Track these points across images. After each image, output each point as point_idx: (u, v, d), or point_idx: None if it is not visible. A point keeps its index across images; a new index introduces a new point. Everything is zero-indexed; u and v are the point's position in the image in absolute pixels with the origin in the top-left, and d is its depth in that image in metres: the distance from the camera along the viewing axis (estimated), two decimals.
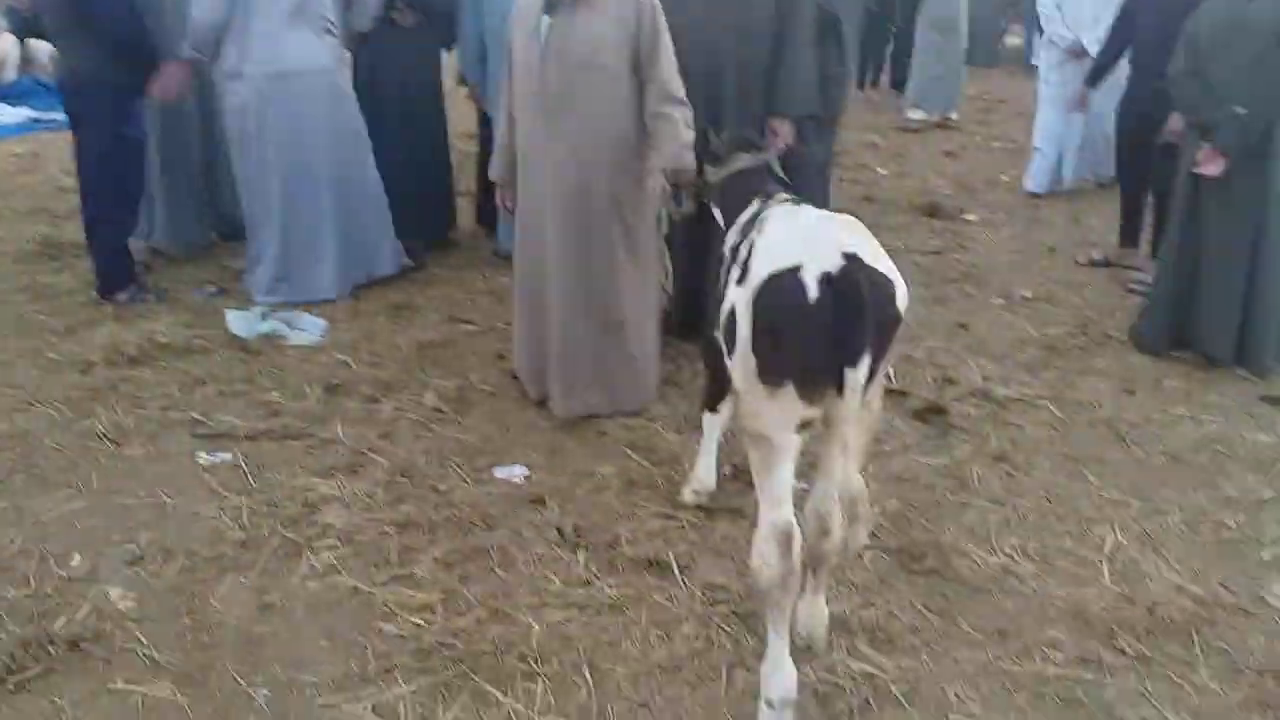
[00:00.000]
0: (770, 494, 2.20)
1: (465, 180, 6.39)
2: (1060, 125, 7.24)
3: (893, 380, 4.16)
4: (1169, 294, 4.46)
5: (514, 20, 3.60)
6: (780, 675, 2.26)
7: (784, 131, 3.96)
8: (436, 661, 2.47)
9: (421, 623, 2.60)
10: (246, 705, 2.34)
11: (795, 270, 2.08)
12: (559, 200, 3.52)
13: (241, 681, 2.41)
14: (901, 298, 2.20)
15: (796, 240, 2.21)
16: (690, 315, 4.04)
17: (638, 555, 2.90)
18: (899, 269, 2.23)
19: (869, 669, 2.48)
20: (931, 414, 3.86)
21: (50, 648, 2.47)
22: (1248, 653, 2.61)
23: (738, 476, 3.28)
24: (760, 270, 2.17)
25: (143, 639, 2.54)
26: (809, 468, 2.55)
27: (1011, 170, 8.24)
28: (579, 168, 3.48)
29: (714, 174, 3.07)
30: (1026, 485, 3.41)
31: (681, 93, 3.44)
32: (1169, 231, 4.57)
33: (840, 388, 2.04)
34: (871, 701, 2.39)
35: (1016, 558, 2.99)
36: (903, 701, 2.40)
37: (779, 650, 2.26)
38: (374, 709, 2.31)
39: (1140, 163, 5.40)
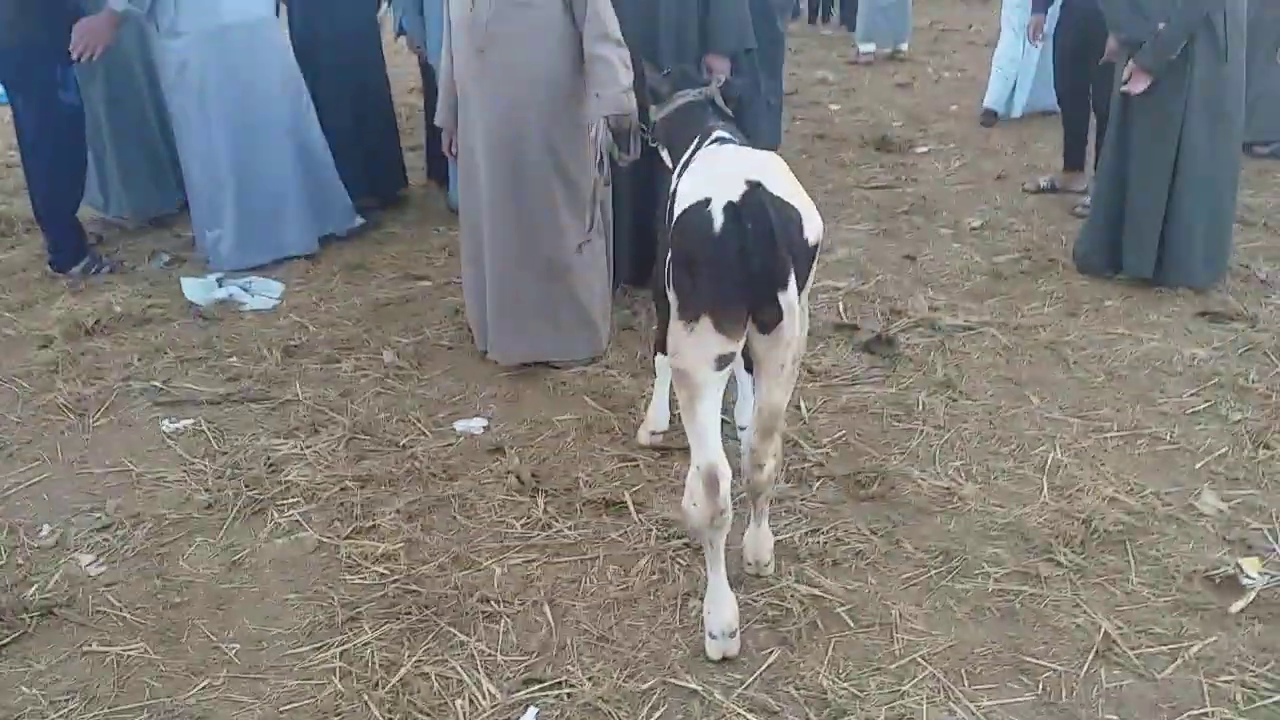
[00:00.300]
0: (697, 434, 2.27)
1: (414, 136, 6.38)
2: (1017, 50, 7.37)
3: (842, 314, 4.26)
4: (1104, 214, 4.56)
5: None
6: (720, 609, 2.37)
7: (720, 68, 3.99)
8: (401, 608, 2.56)
9: (385, 572, 2.69)
10: (219, 660, 2.42)
11: (703, 204, 2.16)
12: (490, 143, 3.52)
13: (213, 637, 2.49)
14: (811, 228, 2.27)
15: (709, 176, 2.28)
16: (643, 261, 4.10)
17: (595, 497, 3.00)
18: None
19: (816, 592, 2.60)
20: (879, 345, 3.96)
21: (24, 615, 2.54)
22: (1178, 559, 2.74)
23: None
24: (676, 210, 2.25)
25: (115, 601, 2.61)
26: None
27: (962, 100, 8.31)
28: (510, 109, 3.48)
29: (657, 113, 3.11)
30: (970, 410, 3.52)
31: (618, 32, 3.40)
32: (1103, 151, 4.66)
33: (759, 322, 2.13)
34: (819, 622, 2.51)
35: (959, 479, 3.11)
36: (848, 621, 2.52)
37: (717, 585, 2.37)
38: (342, 655, 2.41)
39: (1080, 84, 5.47)
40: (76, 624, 2.54)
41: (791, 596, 2.58)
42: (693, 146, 2.77)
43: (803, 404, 3.52)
